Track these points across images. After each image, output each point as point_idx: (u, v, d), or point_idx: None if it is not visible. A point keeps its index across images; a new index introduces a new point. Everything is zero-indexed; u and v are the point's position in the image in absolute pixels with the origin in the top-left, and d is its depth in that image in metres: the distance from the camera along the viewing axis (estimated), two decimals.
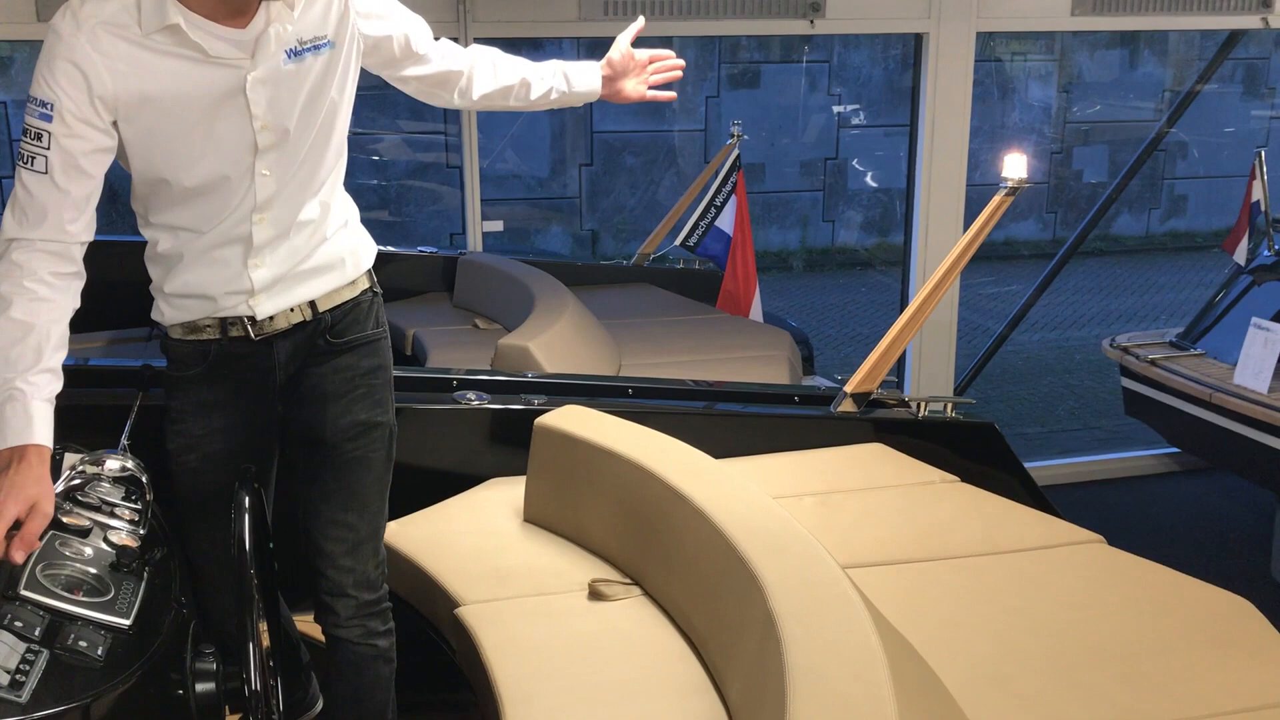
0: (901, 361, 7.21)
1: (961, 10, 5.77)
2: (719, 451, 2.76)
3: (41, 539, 1.71)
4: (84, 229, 1.86)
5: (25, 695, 1.50)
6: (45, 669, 1.56)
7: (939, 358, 6.92)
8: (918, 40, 6.14)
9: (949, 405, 3.48)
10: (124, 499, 1.99)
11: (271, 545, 2.19)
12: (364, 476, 2.22)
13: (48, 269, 1.81)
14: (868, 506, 2.95)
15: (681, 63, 2.58)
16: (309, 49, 1.95)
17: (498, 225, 7.25)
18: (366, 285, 2.22)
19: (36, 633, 1.60)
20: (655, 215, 8.19)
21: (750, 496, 2.39)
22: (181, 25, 1.80)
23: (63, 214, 1.81)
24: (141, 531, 1.94)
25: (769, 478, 2.99)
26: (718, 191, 6.36)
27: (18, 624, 1.60)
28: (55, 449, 1.84)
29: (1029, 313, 6.84)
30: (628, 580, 2.59)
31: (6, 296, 1.78)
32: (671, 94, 2.56)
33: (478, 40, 6.57)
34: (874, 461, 3.23)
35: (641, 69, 2.52)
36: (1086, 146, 12.41)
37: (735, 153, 6.31)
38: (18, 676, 1.52)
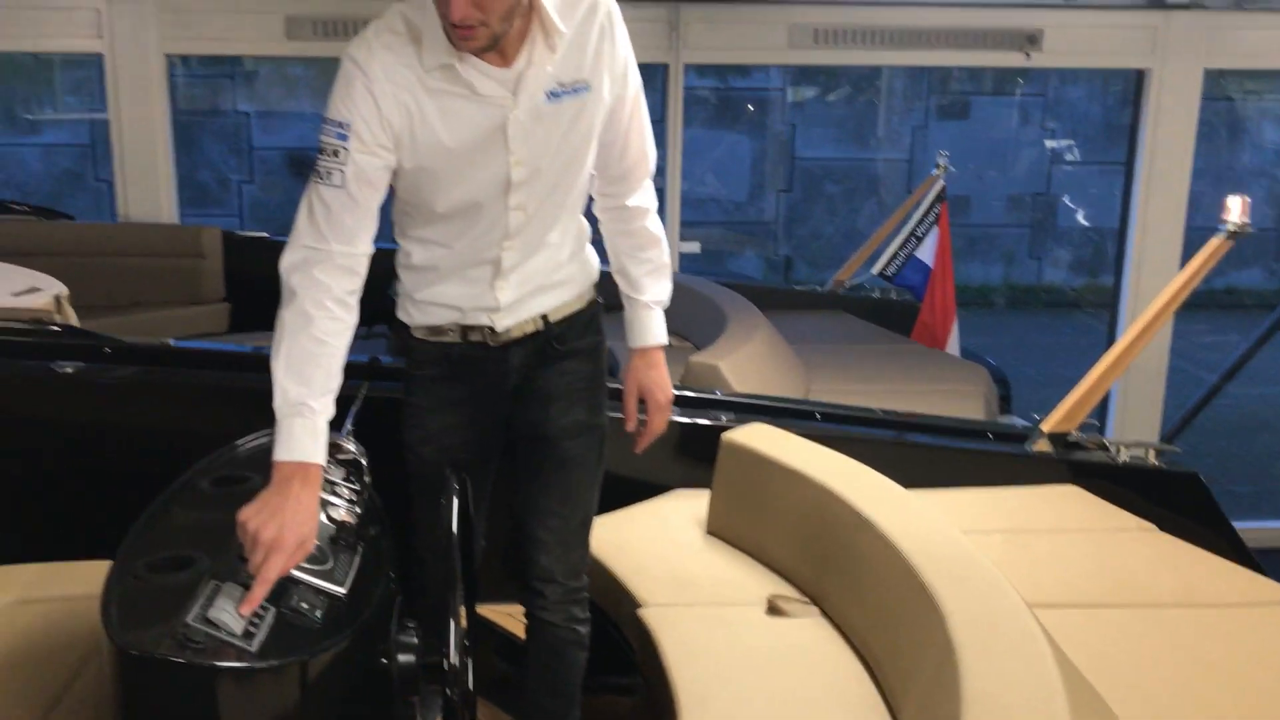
0: (1105, 406, 6.96)
1: (1189, 46, 5.54)
2: (906, 482, 2.76)
3: None
4: (368, 241, 2.03)
5: (255, 645, 1.66)
6: (272, 625, 1.72)
7: (1146, 404, 6.64)
8: (1140, 76, 5.93)
9: (1151, 452, 3.36)
10: (345, 479, 2.16)
11: (483, 542, 2.34)
12: (579, 473, 2.35)
13: (344, 287, 1.98)
14: (1057, 547, 2.89)
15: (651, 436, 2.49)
16: (568, 92, 2.06)
17: (695, 247, 7.38)
18: (591, 297, 2.35)
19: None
20: (852, 243, 8.15)
21: (936, 526, 2.39)
22: (455, 64, 1.95)
23: (355, 225, 1.98)
24: (359, 510, 2.10)
25: (956, 511, 2.96)
26: (920, 222, 6.30)
27: (251, 583, 1.77)
28: None
29: (1247, 364, 6.48)
30: (806, 599, 2.63)
31: (309, 314, 1.94)
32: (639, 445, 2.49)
33: (688, 65, 6.74)
34: (1067, 503, 3.16)
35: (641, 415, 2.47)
36: None
37: (941, 183, 6.24)
38: (249, 628, 1.68)
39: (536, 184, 2.10)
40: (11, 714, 2.12)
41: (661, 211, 2.53)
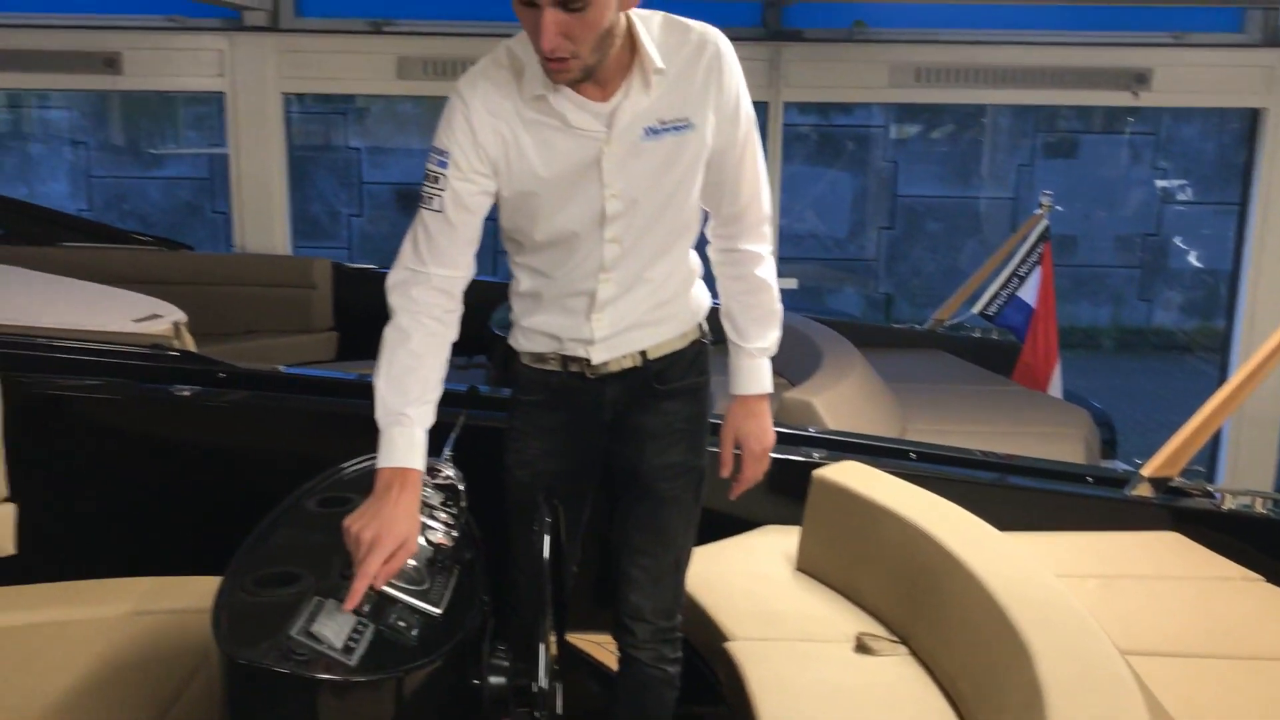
0: (1216, 454, 6.75)
1: None
2: (1001, 524, 2.73)
3: None
4: (468, 265, 2.11)
5: (354, 660, 1.73)
6: (371, 641, 1.79)
7: (1259, 452, 6.44)
8: (1254, 115, 5.80)
9: (1260, 500, 3.27)
10: (443, 504, 2.23)
11: (574, 569, 2.38)
12: (673, 514, 2.32)
13: (441, 307, 2.07)
14: (1156, 595, 2.83)
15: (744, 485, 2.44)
16: (669, 129, 2.07)
17: (792, 283, 7.38)
18: (696, 336, 2.30)
19: (366, 609, 1.85)
20: (954, 281, 8.07)
21: (1028, 568, 2.37)
22: (549, 96, 2.01)
23: (453, 249, 2.07)
24: (455, 534, 2.16)
25: (1051, 555, 2.92)
26: (1023, 261, 6.23)
27: (344, 609, 1.84)
28: None
29: None
30: (895, 638, 2.62)
31: (407, 330, 2.05)
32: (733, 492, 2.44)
33: (788, 104, 6.79)
34: (1167, 550, 3.09)
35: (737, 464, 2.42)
36: None
37: (1045, 223, 6.17)
38: (349, 643, 1.75)
39: (633, 218, 2.11)
40: (126, 718, 2.23)
41: None
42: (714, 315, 2.37)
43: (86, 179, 11.38)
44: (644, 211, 2.12)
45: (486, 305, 2.31)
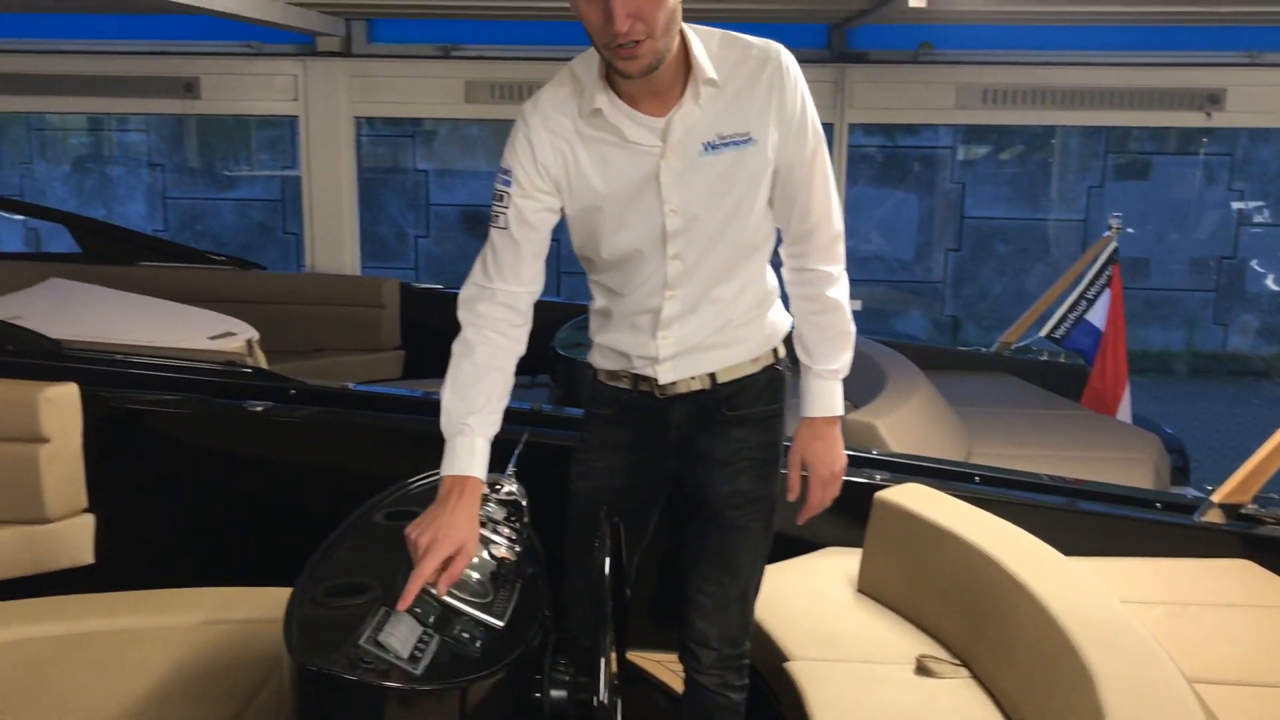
0: None
1: None
2: (1066, 549, 2.70)
3: None
4: (533, 280, 2.15)
5: (420, 669, 1.77)
6: (435, 651, 1.83)
7: None
8: None
9: None
10: (506, 519, 2.27)
11: (628, 592, 2.39)
12: (741, 542, 2.29)
13: (506, 321, 2.12)
14: (1226, 623, 2.78)
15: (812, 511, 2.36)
16: (729, 143, 2.06)
17: (856, 305, 7.35)
18: (770, 362, 2.27)
19: (431, 620, 1.89)
20: (1021, 304, 7.98)
21: (1092, 593, 2.34)
22: (603, 110, 2.04)
23: (518, 265, 2.12)
24: (518, 549, 2.20)
25: (1117, 580, 2.88)
26: (1091, 284, 6.15)
27: (418, 610, 1.89)
28: None
29: None
30: (956, 660, 2.60)
31: (471, 343, 2.11)
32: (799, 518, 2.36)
33: (853, 125, 6.79)
34: (1239, 578, 3.03)
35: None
36: None
37: (1113, 245, 6.08)
38: (415, 653, 1.79)
39: (695, 234, 2.11)
40: None
41: None
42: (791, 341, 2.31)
43: (163, 200, 11.69)
44: (705, 228, 2.11)
45: (550, 325, 2.34)
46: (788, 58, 2.08)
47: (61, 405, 3.19)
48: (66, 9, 6.80)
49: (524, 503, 2.34)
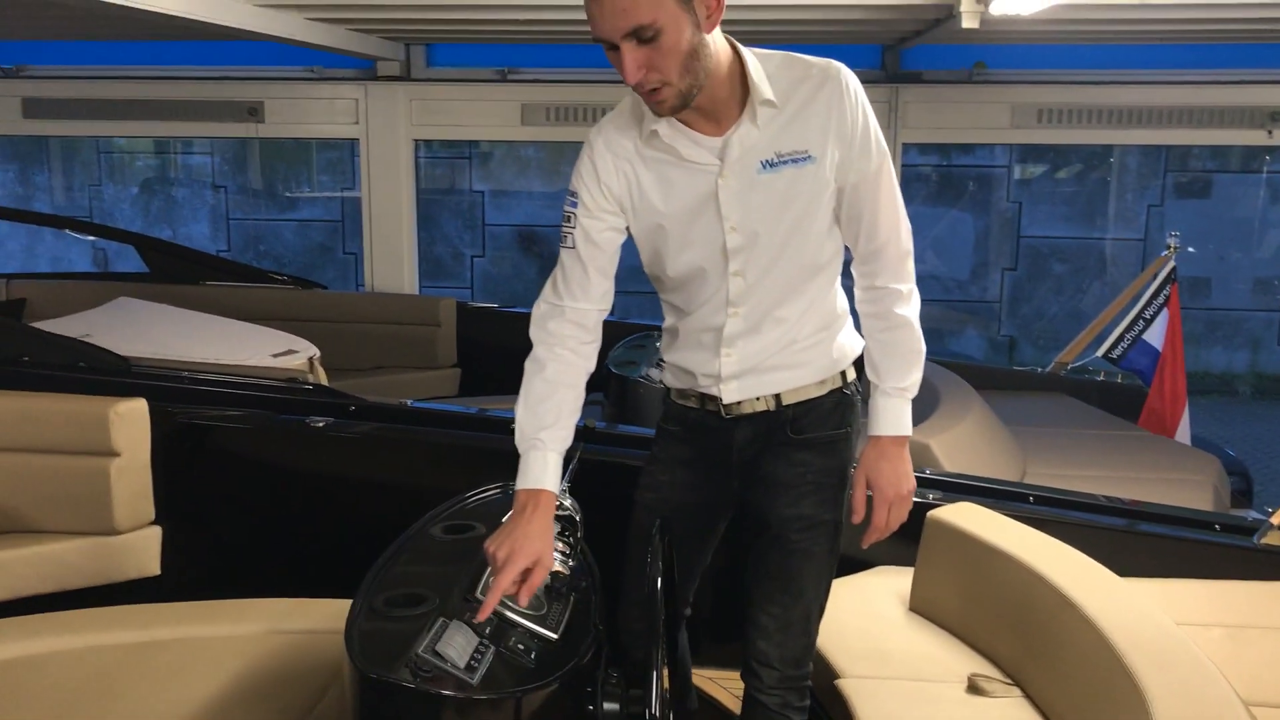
0: None
1: None
2: (1123, 570, 2.68)
3: None
4: (601, 298, 2.20)
5: (476, 679, 1.82)
6: (491, 661, 1.87)
7: None
8: None
9: None
10: (560, 534, 2.31)
11: (688, 611, 2.42)
12: (803, 565, 2.28)
13: (576, 338, 2.18)
14: None
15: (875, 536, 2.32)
16: (787, 161, 2.08)
17: None
18: (837, 385, 2.26)
19: (488, 631, 1.94)
20: (1078, 324, 7.90)
21: (1145, 613, 2.34)
22: (660, 131, 2.09)
23: (586, 283, 2.17)
24: (572, 563, 2.24)
25: (1174, 602, 2.85)
26: (1148, 303, 6.08)
27: (476, 621, 1.93)
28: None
29: None
30: (1008, 679, 2.60)
31: (542, 360, 2.16)
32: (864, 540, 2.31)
33: (907, 145, 6.78)
34: None
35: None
36: None
37: (1171, 264, 6.01)
38: (472, 663, 1.84)
39: (756, 252, 2.13)
40: None
41: None
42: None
43: (226, 221, 11.92)
44: (766, 245, 2.13)
45: (605, 344, 2.38)
46: (848, 75, 2.09)
47: (131, 420, 3.29)
48: (134, 37, 7.00)
49: (577, 518, 2.38)
